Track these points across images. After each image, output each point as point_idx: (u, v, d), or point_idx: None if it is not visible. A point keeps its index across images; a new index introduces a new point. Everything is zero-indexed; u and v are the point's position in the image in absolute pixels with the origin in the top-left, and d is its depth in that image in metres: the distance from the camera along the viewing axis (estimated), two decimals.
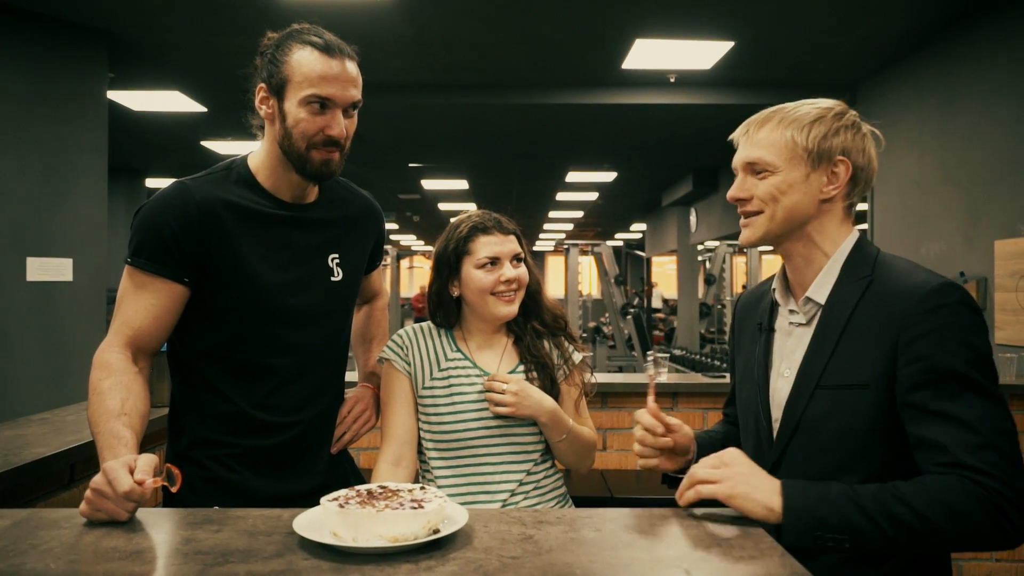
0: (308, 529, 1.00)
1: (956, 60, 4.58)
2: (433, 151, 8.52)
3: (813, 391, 1.19)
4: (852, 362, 1.16)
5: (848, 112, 1.25)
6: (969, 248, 4.42)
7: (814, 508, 1.06)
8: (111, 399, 1.29)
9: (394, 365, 1.60)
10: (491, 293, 1.56)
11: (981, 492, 1.04)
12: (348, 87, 1.39)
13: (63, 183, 4.36)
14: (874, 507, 1.05)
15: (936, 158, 4.81)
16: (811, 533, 1.06)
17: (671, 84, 5.71)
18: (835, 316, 1.20)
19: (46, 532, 1.04)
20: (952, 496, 1.05)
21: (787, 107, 1.24)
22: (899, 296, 1.14)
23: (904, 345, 1.11)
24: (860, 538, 1.05)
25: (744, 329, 1.41)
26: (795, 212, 1.22)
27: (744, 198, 1.24)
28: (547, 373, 1.59)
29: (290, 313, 1.46)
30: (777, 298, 1.31)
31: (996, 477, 1.04)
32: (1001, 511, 1.04)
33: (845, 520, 1.05)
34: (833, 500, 1.07)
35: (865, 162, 1.23)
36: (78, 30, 4.42)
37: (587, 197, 12.07)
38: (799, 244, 1.25)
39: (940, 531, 1.04)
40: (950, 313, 1.11)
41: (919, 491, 1.06)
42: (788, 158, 1.21)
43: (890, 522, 1.04)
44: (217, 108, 6.25)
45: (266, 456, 1.46)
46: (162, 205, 1.40)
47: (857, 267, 1.22)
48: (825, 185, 1.22)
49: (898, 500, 1.05)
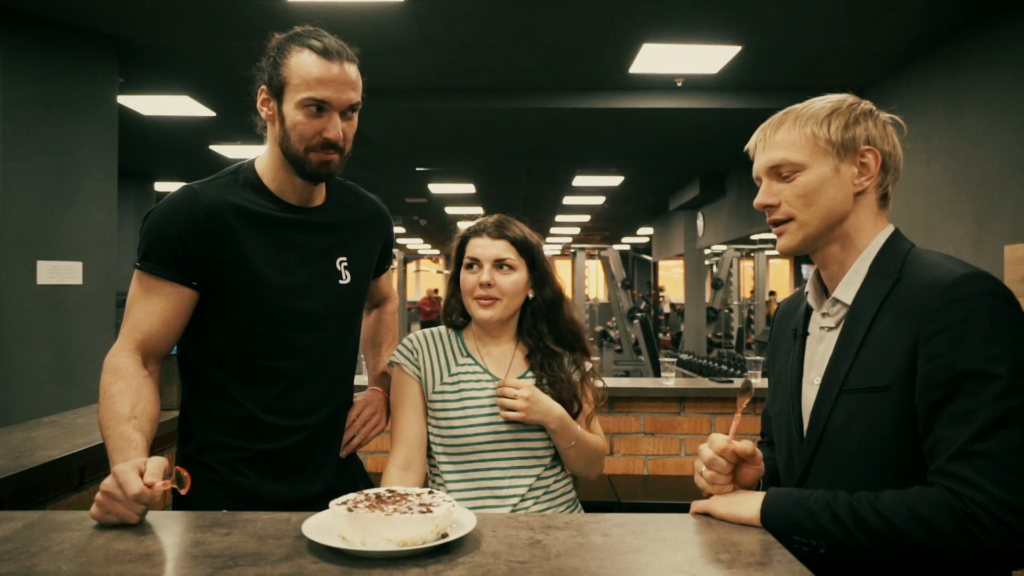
0: (317, 533, 1.00)
1: (964, 64, 4.56)
2: (440, 155, 8.53)
3: (837, 396, 1.13)
4: (874, 364, 1.09)
5: (862, 101, 1.20)
6: (978, 253, 4.39)
7: (790, 512, 1.07)
8: (121, 403, 1.30)
9: (404, 369, 1.60)
10: (473, 297, 1.57)
11: (956, 503, 0.98)
12: (345, 90, 1.39)
13: (73, 187, 4.38)
14: (846, 512, 1.03)
15: (944, 162, 4.79)
16: (787, 537, 1.06)
17: (678, 88, 5.71)
18: (860, 317, 1.14)
19: (57, 534, 1.05)
20: (926, 505, 1.00)
21: (797, 107, 1.20)
22: (921, 291, 1.07)
23: (923, 342, 1.04)
24: (833, 543, 1.04)
25: (780, 338, 1.35)
26: (832, 210, 1.16)
27: (773, 204, 1.18)
28: (563, 393, 1.57)
29: (297, 316, 1.47)
30: (811, 301, 1.25)
31: (977, 486, 0.97)
32: (977, 522, 0.96)
33: (817, 525, 1.05)
34: (810, 505, 1.06)
35: (891, 149, 1.19)
36: (88, 36, 4.45)
37: (594, 201, 12.06)
38: (836, 246, 1.19)
39: (910, 540, 0.99)
40: (972, 305, 1.03)
41: (896, 499, 1.02)
42: (813, 153, 1.15)
43: (859, 527, 1.02)
44: (225, 112, 6.28)
45: (275, 459, 1.47)
46: (171, 209, 1.41)
47: (887, 264, 1.15)
48: (857, 177, 1.16)
49: (871, 507, 1.03)
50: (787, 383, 1.25)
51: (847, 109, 1.18)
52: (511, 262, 1.57)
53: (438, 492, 1.11)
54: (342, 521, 0.99)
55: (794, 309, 1.34)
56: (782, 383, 1.28)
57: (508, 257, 1.57)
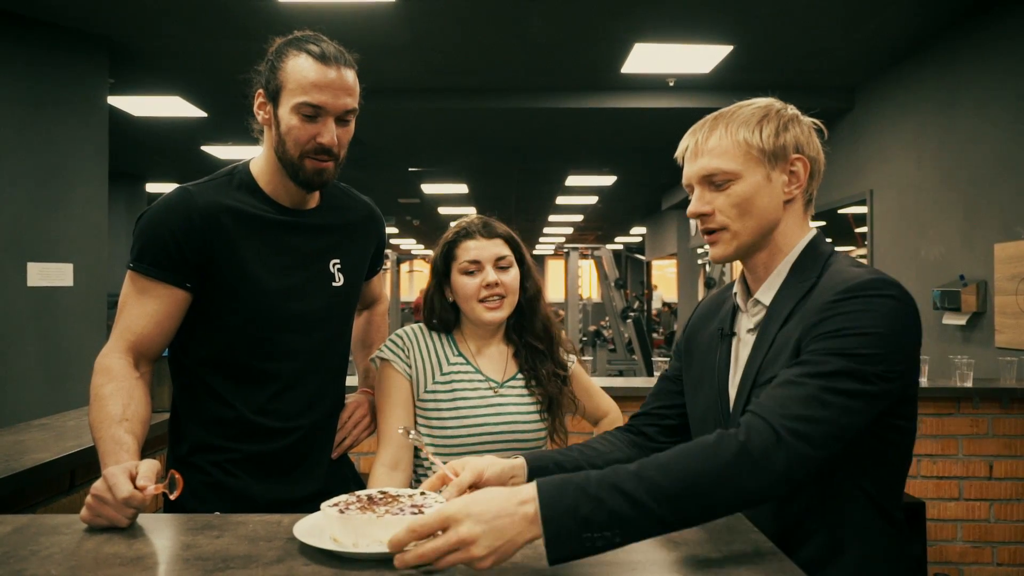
0: (308, 535, 1.00)
1: (955, 63, 4.59)
2: (433, 155, 8.53)
3: (749, 392, 1.13)
4: (776, 358, 1.11)
5: (787, 106, 1.21)
6: (968, 251, 4.42)
7: (576, 508, 0.90)
8: (112, 405, 1.29)
9: (394, 366, 1.58)
10: (478, 300, 1.55)
11: (735, 431, 0.96)
12: (341, 95, 1.39)
13: (64, 188, 4.36)
14: (635, 485, 0.92)
15: (935, 161, 4.81)
16: (577, 538, 0.89)
17: (670, 88, 5.72)
18: (775, 318, 1.15)
19: (47, 538, 1.04)
20: (709, 444, 0.96)
21: (726, 111, 1.20)
22: (827, 290, 1.09)
23: (807, 330, 1.07)
24: (627, 526, 0.91)
25: (697, 336, 1.33)
26: (764, 219, 1.16)
27: (707, 213, 1.18)
28: (550, 390, 1.58)
29: (291, 318, 1.47)
30: (739, 302, 1.25)
31: (756, 415, 0.97)
32: (743, 447, 0.95)
33: (607, 511, 0.90)
34: (594, 492, 0.91)
35: (815, 154, 1.19)
36: (78, 36, 4.43)
37: (587, 201, 12.08)
38: (764, 253, 1.19)
39: (702, 488, 0.93)
40: (861, 301, 1.04)
41: (679, 452, 0.96)
42: (746, 161, 1.15)
43: (652, 495, 0.91)
44: (217, 113, 6.26)
45: (267, 461, 1.47)
46: (165, 211, 1.41)
47: (806, 268, 1.16)
48: (787, 185, 1.17)
49: (659, 468, 0.94)
50: (714, 384, 1.23)
51: (776, 115, 1.18)
52: (508, 259, 1.58)
53: (429, 493, 1.10)
54: (334, 523, 0.99)
55: (716, 308, 1.33)
56: (706, 382, 1.26)
57: (506, 254, 1.58)
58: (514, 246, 1.61)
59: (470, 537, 0.87)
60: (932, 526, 3.20)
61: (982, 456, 3.22)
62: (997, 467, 3.22)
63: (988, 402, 3.21)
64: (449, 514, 0.89)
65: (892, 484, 1.14)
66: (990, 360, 3.98)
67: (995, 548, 3.23)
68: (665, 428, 1.36)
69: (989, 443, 3.22)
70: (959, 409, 3.23)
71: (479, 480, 1.16)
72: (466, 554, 0.87)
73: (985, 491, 3.23)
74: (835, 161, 6.24)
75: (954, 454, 3.23)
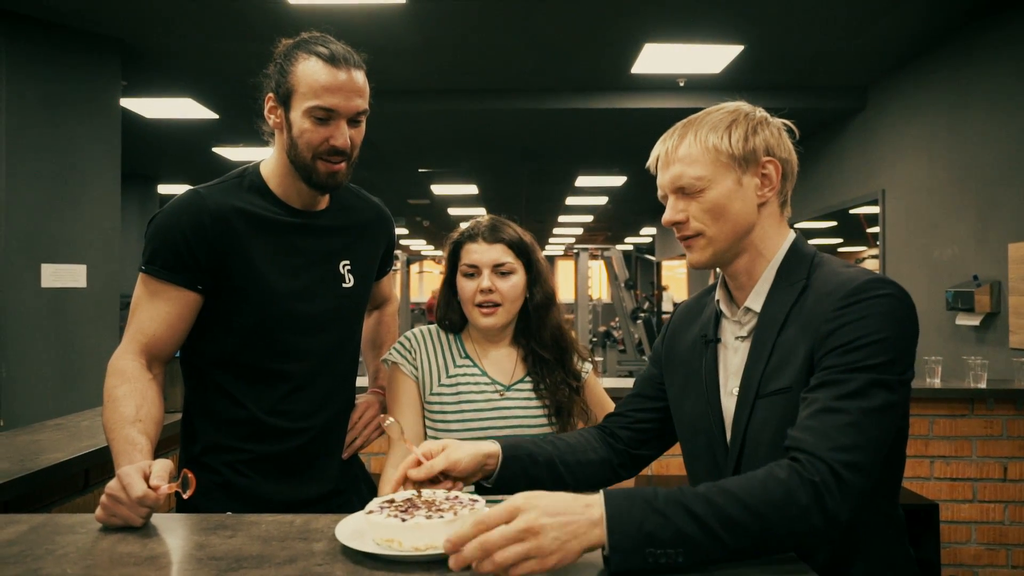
0: (351, 539, 0.99)
1: (966, 63, 4.55)
2: (443, 156, 8.54)
3: (753, 403, 1.12)
4: (781, 367, 1.10)
5: (756, 109, 1.21)
6: (982, 252, 4.38)
7: (643, 523, 0.89)
8: (126, 405, 1.30)
9: (401, 369, 1.58)
10: (474, 304, 1.54)
11: (799, 468, 0.95)
12: (352, 97, 1.39)
13: (77, 190, 4.40)
14: (704, 508, 0.91)
15: (947, 161, 4.78)
16: (640, 552, 0.89)
17: (680, 88, 5.71)
18: (769, 324, 1.14)
19: (62, 537, 1.05)
20: (782, 480, 0.94)
21: (695, 118, 1.20)
22: (822, 298, 1.09)
23: (819, 342, 1.06)
24: (692, 547, 0.90)
25: (678, 339, 1.32)
26: (739, 223, 1.16)
27: (681, 220, 1.18)
28: (560, 398, 1.56)
29: (301, 319, 1.47)
30: (722, 308, 1.24)
31: (806, 452, 0.96)
32: (816, 488, 0.94)
33: (674, 529, 0.90)
34: (661, 507, 0.91)
35: (787, 155, 1.19)
36: (91, 39, 4.46)
37: (597, 201, 12.06)
38: (744, 258, 1.19)
39: (772, 527, 0.92)
40: (864, 305, 1.04)
41: (751, 482, 0.95)
42: (716, 167, 1.15)
43: (721, 520, 0.91)
44: (228, 115, 6.29)
45: (278, 461, 1.47)
46: (176, 213, 1.42)
47: (792, 271, 1.16)
48: (759, 188, 1.17)
49: (729, 495, 0.93)
50: (703, 392, 1.22)
51: (744, 119, 1.17)
52: (510, 266, 1.55)
53: (461, 494, 1.08)
54: (396, 529, 0.95)
55: (697, 312, 1.31)
56: (693, 390, 1.25)
57: (506, 261, 1.55)
58: (520, 252, 1.57)
59: (538, 526, 0.86)
60: (946, 528, 3.17)
61: (996, 458, 3.20)
62: (1012, 469, 3.19)
63: (1002, 403, 3.19)
64: (517, 504, 0.88)
65: (892, 484, 1.15)
66: (1004, 361, 3.94)
67: (1010, 550, 3.20)
68: (637, 432, 1.36)
69: (1004, 444, 3.20)
70: (973, 410, 3.20)
71: (453, 468, 1.15)
72: (533, 545, 0.85)
73: (999, 493, 3.20)
74: (847, 161, 6.21)
75: (968, 456, 3.21)
